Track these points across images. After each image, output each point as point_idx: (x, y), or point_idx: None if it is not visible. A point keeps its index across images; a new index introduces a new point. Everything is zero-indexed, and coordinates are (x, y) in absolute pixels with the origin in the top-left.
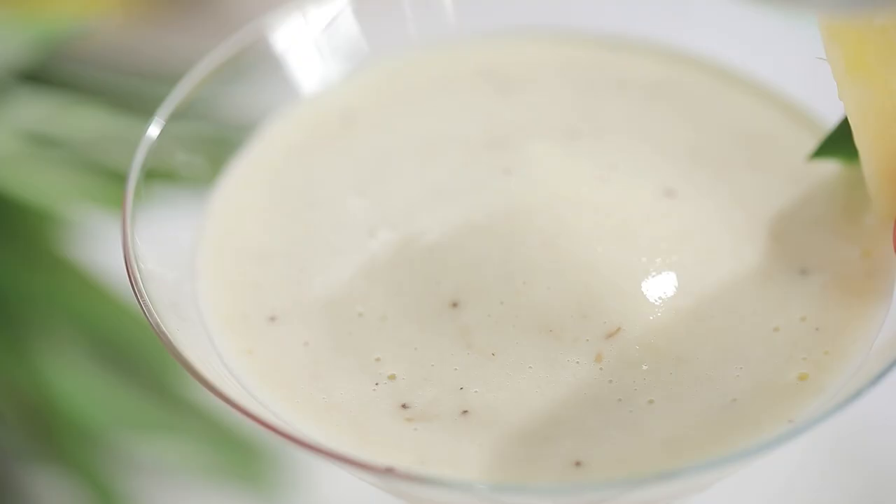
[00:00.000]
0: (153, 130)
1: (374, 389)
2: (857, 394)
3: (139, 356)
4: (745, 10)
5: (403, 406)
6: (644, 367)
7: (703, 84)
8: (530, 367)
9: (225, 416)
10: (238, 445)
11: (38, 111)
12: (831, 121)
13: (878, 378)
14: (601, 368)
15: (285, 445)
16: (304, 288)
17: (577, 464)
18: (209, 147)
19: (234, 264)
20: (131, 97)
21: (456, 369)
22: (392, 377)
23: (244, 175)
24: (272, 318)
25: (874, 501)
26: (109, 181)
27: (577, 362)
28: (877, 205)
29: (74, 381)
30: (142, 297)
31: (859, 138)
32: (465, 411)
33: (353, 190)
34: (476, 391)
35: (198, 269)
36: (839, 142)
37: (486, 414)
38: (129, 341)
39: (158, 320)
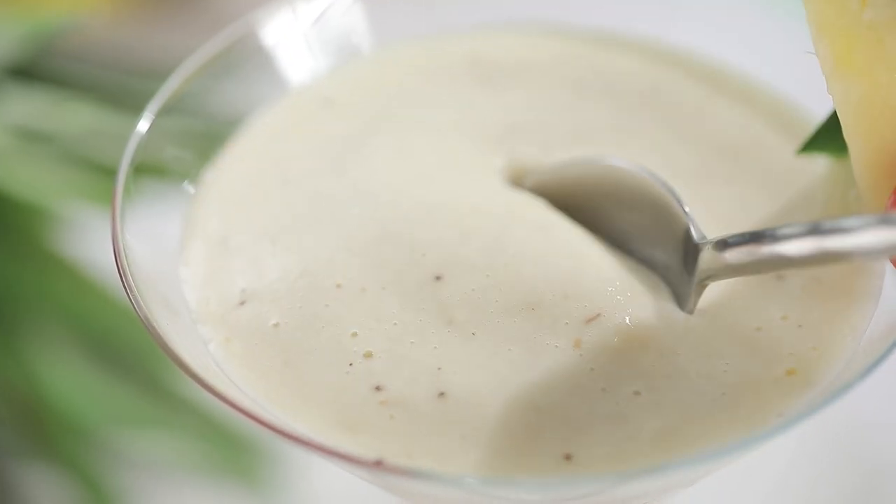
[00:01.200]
0: (142, 126)
1: (348, 372)
2: (847, 387)
3: (131, 352)
4: (734, 4)
5: (377, 388)
6: (625, 357)
7: (691, 87)
8: (509, 350)
9: (217, 411)
10: (230, 440)
11: (28, 107)
12: (820, 116)
13: (868, 371)
14: (581, 354)
15: (278, 441)
16: (277, 264)
17: (568, 457)
18: (198, 141)
19: (216, 254)
20: (121, 93)
21: (435, 348)
22: (368, 355)
23: (229, 166)
24: (242, 302)
25: (869, 498)
26: (100, 177)
27: (557, 346)
28: (865, 199)
29: (66, 377)
30: (132, 292)
31: (848, 133)
32: (442, 393)
33: (332, 170)
34: (455, 373)
35: (184, 262)
36: (828, 136)
37: (464, 398)
38: (120, 337)
39: (148, 316)
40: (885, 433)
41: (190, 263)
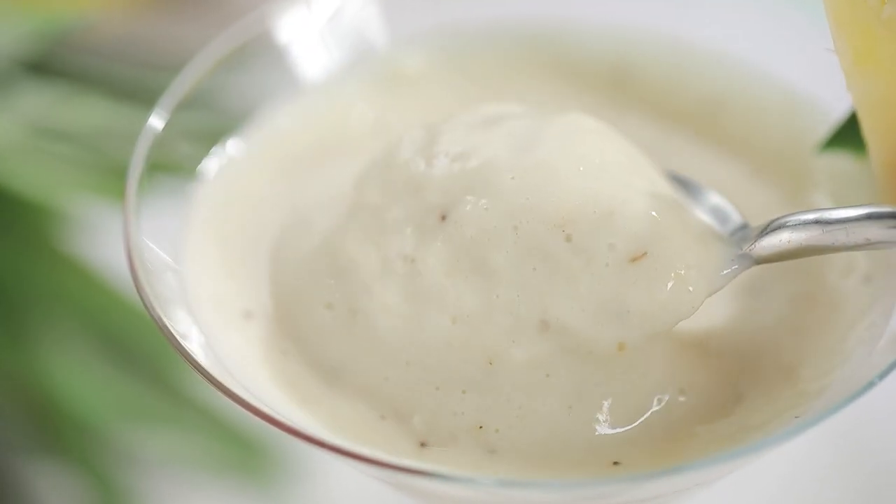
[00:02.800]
0: (154, 122)
1: (383, 419)
2: (864, 389)
3: (141, 350)
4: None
5: (422, 444)
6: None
7: (708, 83)
8: (548, 376)
9: (226, 409)
10: (239, 439)
11: (41, 102)
12: (839, 113)
13: (885, 373)
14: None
15: (288, 440)
16: (284, 281)
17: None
18: (210, 138)
19: (224, 255)
20: (134, 87)
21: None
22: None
23: (240, 165)
24: (248, 315)
25: (876, 498)
26: (112, 173)
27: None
28: (884, 196)
29: (75, 375)
30: (143, 290)
31: (867, 130)
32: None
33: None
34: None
35: (193, 260)
36: (849, 133)
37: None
38: (130, 335)
39: (160, 314)
40: (893, 433)
41: (199, 263)
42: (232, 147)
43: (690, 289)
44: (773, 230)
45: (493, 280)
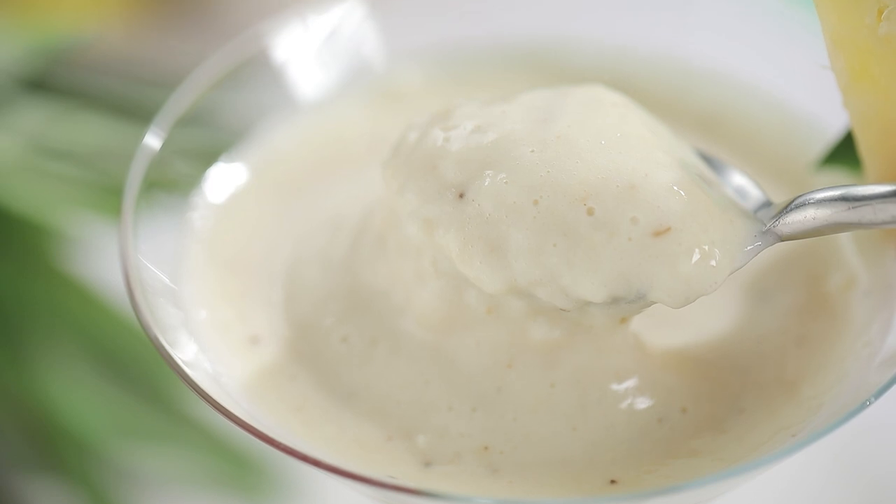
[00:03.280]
0: (150, 140)
1: (389, 440)
2: (859, 409)
3: (139, 368)
4: (749, 18)
5: (427, 464)
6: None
7: (704, 98)
8: (552, 386)
9: (223, 428)
10: (236, 458)
11: (39, 119)
12: (836, 130)
13: (881, 392)
14: None
15: (284, 459)
16: (290, 307)
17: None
18: (208, 156)
19: (225, 276)
20: (132, 104)
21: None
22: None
23: (239, 184)
24: (254, 340)
25: None
26: (110, 191)
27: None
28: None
29: (74, 393)
30: (140, 313)
31: (864, 147)
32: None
33: (350, 201)
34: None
35: (192, 282)
36: (846, 151)
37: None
38: (128, 354)
39: (157, 334)
40: (892, 442)
41: (198, 283)
42: (230, 166)
43: (713, 264)
44: (798, 207)
45: (510, 258)
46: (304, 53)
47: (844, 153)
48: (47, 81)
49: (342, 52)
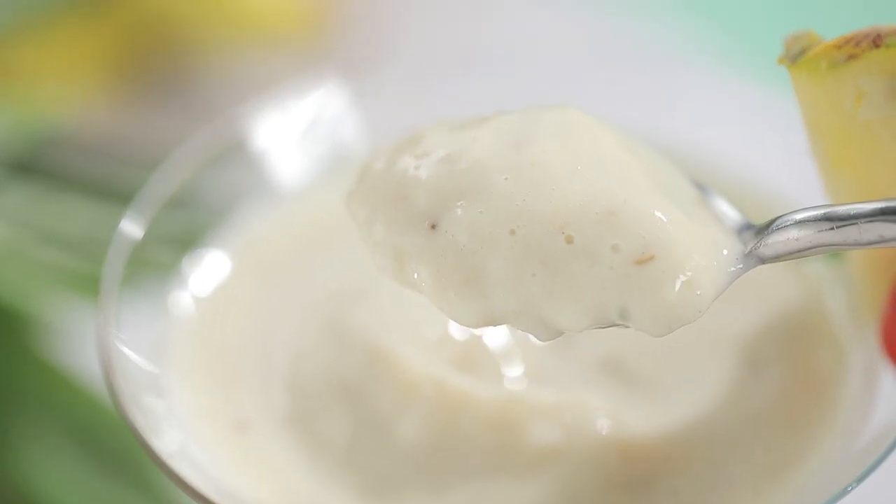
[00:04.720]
0: (127, 225)
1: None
2: (839, 495)
3: (123, 456)
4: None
5: None
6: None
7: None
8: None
9: None
10: None
11: (20, 203)
12: None
13: (862, 478)
14: None
15: None
16: (274, 397)
17: None
18: (187, 240)
19: (209, 362)
20: (114, 186)
21: None
22: None
23: (219, 269)
24: (242, 426)
25: None
26: (92, 277)
27: None
28: (865, 295)
29: (57, 480)
30: (118, 400)
31: None
32: None
33: (333, 295)
34: None
35: (175, 369)
36: None
37: None
38: (112, 441)
39: (135, 425)
40: None
41: (181, 369)
42: (210, 251)
43: (698, 292)
44: (780, 228)
45: (487, 289)
46: (283, 139)
47: None
48: (30, 164)
49: (323, 139)
